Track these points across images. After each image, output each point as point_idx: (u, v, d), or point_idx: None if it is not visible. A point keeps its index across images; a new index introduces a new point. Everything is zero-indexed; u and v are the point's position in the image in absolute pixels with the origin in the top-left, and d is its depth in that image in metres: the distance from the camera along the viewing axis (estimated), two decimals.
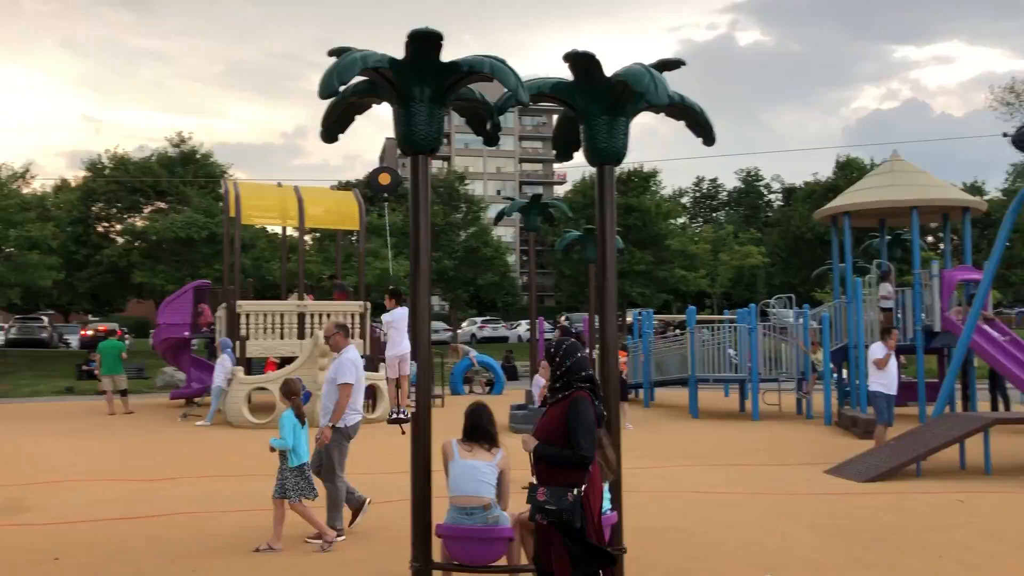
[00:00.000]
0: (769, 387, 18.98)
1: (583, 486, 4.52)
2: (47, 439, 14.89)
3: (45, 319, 46.01)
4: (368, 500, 7.91)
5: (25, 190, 34.61)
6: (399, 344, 10.61)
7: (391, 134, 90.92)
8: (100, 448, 13.74)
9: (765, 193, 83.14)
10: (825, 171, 70.27)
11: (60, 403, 23.43)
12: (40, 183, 37.75)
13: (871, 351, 12.52)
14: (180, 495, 9.48)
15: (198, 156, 42.73)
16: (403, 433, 9.97)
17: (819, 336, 18.00)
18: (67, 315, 51.62)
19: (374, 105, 6.04)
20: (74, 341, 43.25)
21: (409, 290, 5.59)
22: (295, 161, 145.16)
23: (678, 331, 24.44)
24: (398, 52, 5.37)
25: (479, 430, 5.51)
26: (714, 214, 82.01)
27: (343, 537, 7.39)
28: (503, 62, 5.32)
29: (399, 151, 5.76)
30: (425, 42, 5.23)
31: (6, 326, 43.44)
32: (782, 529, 7.74)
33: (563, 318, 45.91)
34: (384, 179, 15.43)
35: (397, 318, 10.59)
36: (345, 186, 56.85)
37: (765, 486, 9.89)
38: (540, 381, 16.24)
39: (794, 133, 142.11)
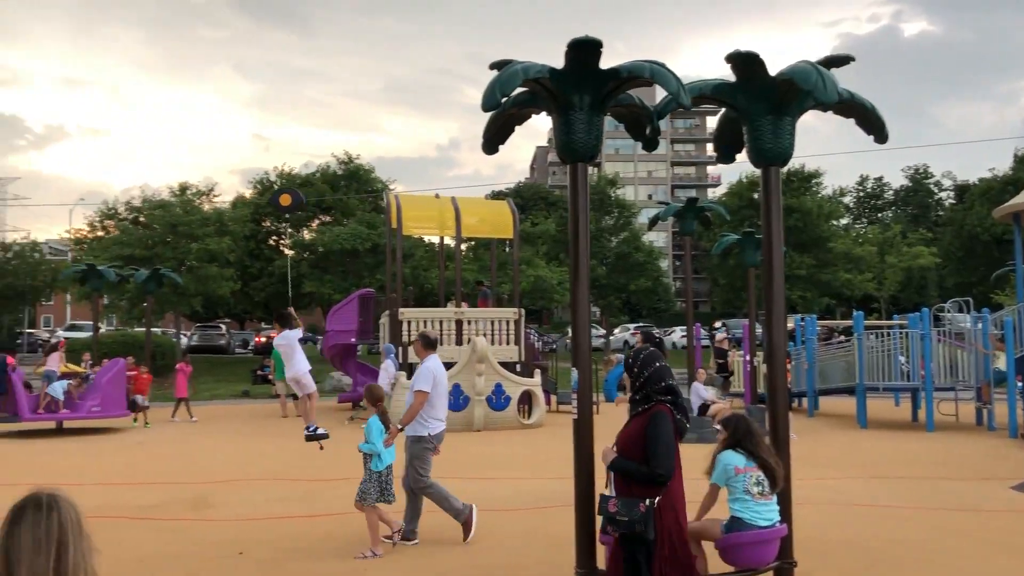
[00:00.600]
0: (944, 396, 17.85)
1: (656, 498, 4.40)
2: (227, 440, 15.90)
3: (223, 327, 49.30)
4: (473, 507, 7.89)
5: (206, 207, 37.16)
6: (295, 365, 10.75)
7: (542, 142, 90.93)
8: (275, 449, 14.53)
9: (935, 191, 78.31)
10: (1002, 166, 65.41)
11: (237, 405, 24.96)
12: (220, 200, 40.35)
13: None
14: (349, 494, 9.88)
15: (361, 171, 44.60)
16: (321, 448, 10.12)
17: (1000, 341, 16.76)
18: (243, 323, 54.95)
19: (534, 115, 6.14)
20: (242, 347, 46.15)
21: (571, 295, 5.61)
22: (449, 172, 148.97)
23: (843, 337, 23.38)
24: (550, 61, 5.43)
25: None
26: (879, 214, 77.95)
27: (416, 541, 7.57)
28: (663, 66, 5.27)
29: (559, 159, 5.79)
30: (585, 50, 5.26)
31: (188, 333, 46.73)
32: (961, 548, 7.26)
33: (719, 324, 44.87)
34: (285, 200, 15.92)
35: (290, 339, 10.79)
36: (498, 196, 57.86)
37: (941, 501, 9.30)
38: (699, 389, 15.93)
39: (966, 127, 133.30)
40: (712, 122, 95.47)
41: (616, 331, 52.33)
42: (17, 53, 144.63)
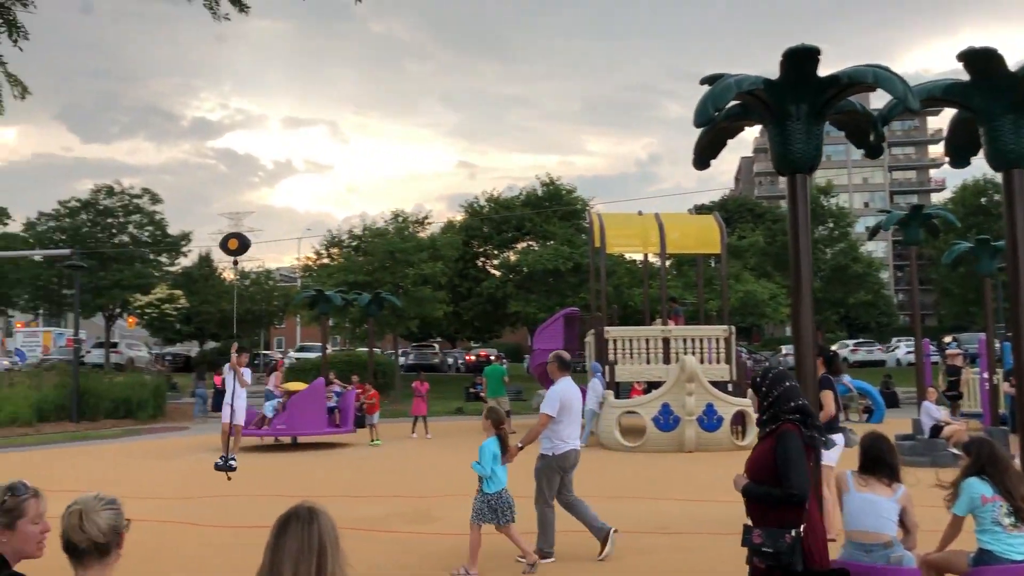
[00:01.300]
0: None
1: (802, 526, 4.14)
2: (444, 455, 16.51)
3: (436, 346, 51.54)
4: (613, 530, 7.75)
5: (421, 234, 39.03)
6: (238, 395, 10.84)
7: (746, 153, 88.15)
8: None
9: None
10: None
11: (452, 422, 25.89)
12: (432, 228, 42.32)
13: None
14: (562, 514, 9.97)
15: (563, 192, 45.29)
16: (228, 479, 9.88)
17: None
18: (453, 342, 57.10)
19: (747, 127, 6.00)
20: (459, 364, 48.06)
21: (791, 311, 5.41)
22: (650, 188, 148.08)
23: None
24: (753, 70, 5.29)
25: (879, 462, 5.11)
26: None
27: (552, 559, 7.60)
28: (887, 69, 5.00)
29: (775, 170, 5.61)
30: (801, 59, 5.09)
31: (405, 353, 49.19)
32: None
33: (949, 339, 41.57)
34: (232, 244, 15.96)
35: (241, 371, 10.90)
36: (702, 209, 56.78)
37: None
38: (930, 409, 14.85)
39: None
40: (934, 123, 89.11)
41: (835, 347, 49.72)
42: (250, 99, 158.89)
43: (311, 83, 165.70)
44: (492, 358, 37.49)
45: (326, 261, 40.46)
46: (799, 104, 5.22)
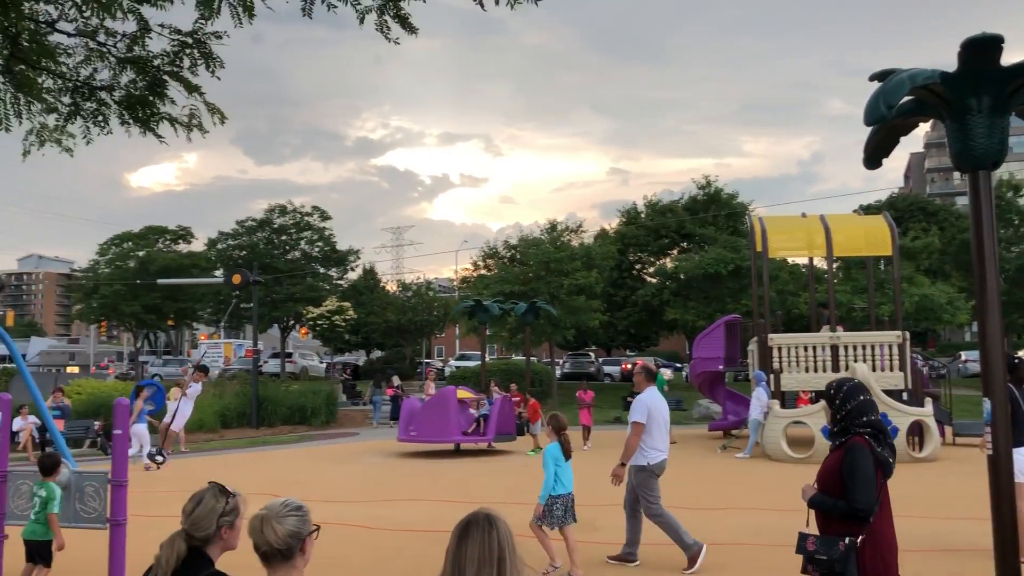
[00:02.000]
0: None
1: (859, 537, 4.07)
2: (605, 464, 16.44)
3: (591, 354, 51.52)
4: (703, 548, 7.74)
5: (575, 243, 39.19)
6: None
7: (916, 149, 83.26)
8: None
9: None
10: None
11: (610, 431, 25.78)
12: (586, 236, 42.39)
13: None
14: (735, 525, 9.77)
15: (723, 196, 44.32)
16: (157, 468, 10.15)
17: None
18: (609, 350, 56.88)
19: (920, 124, 5.70)
20: (614, 373, 47.82)
21: (978, 315, 5.10)
22: (811, 188, 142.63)
23: None
24: (920, 62, 5.03)
25: None
26: None
27: (637, 562, 7.88)
28: None
29: (954, 167, 5.31)
30: (982, 49, 4.80)
31: (561, 361, 49.43)
32: None
33: None
34: (236, 279, 15.93)
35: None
36: (869, 209, 54.10)
37: None
38: None
39: None
40: None
41: (1021, 353, 46.15)
42: (409, 117, 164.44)
43: (466, 98, 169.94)
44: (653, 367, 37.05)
45: (483, 272, 41.29)
46: (980, 97, 4.91)
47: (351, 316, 47.93)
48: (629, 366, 46.51)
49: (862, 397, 4.43)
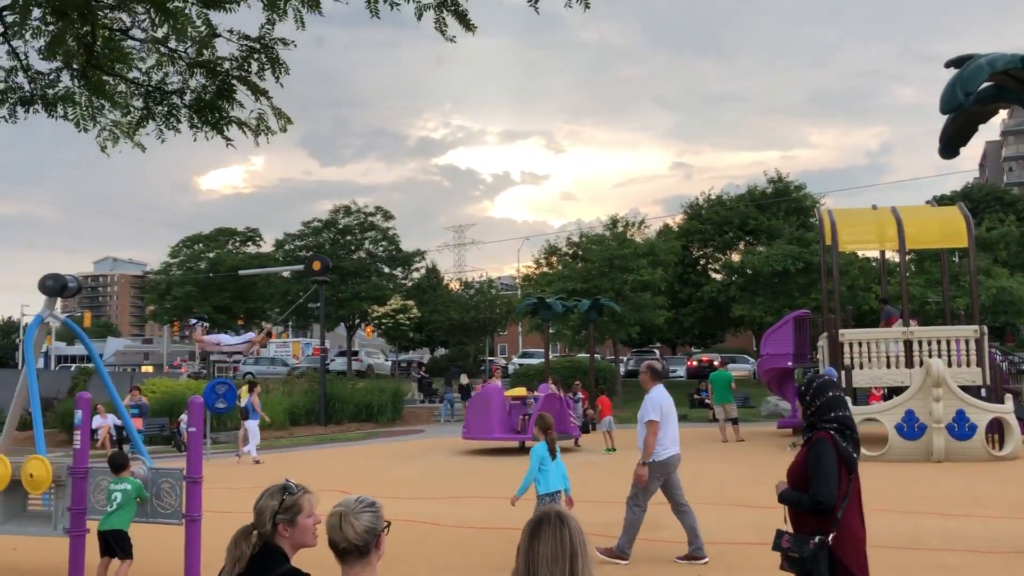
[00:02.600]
0: None
1: (830, 535, 4.13)
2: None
3: (656, 351, 51.08)
4: (703, 560, 7.84)
5: (638, 238, 38.90)
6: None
7: (992, 137, 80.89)
8: (719, 474, 14.60)
9: None
10: None
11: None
12: (649, 231, 42.03)
13: None
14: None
15: (791, 189, 43.50)
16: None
17: None
18: (674, 348, 56.35)
19: (1000, 111, 5.50)
20: (680, 371, 47.27)
21: None
22: (881, 179, 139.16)
23: None
24: (995, 47, 4.83)
25: None
26: None
27: (626, 562, 7.86)
28: None
29: (1005, 154, 5.10)
30: None
31: (625, 358, 49.10)
32: None
33: None
34: (316, 266, 15.33)
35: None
36: (942, 200, 52.55)
37: None
38: None
39: None
40: None
41: None
42: (469, 116, 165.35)
43: (525, 96, 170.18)
44: (716, 363, 36.58)
45: (545, 269, 41.25)
46: None
47: (415, 315, 48.41)
48: (695, 363, 46.02)
49: (831, 393, 4.49)
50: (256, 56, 6.85)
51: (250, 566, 2.99)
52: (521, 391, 20.88)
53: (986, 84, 5.12)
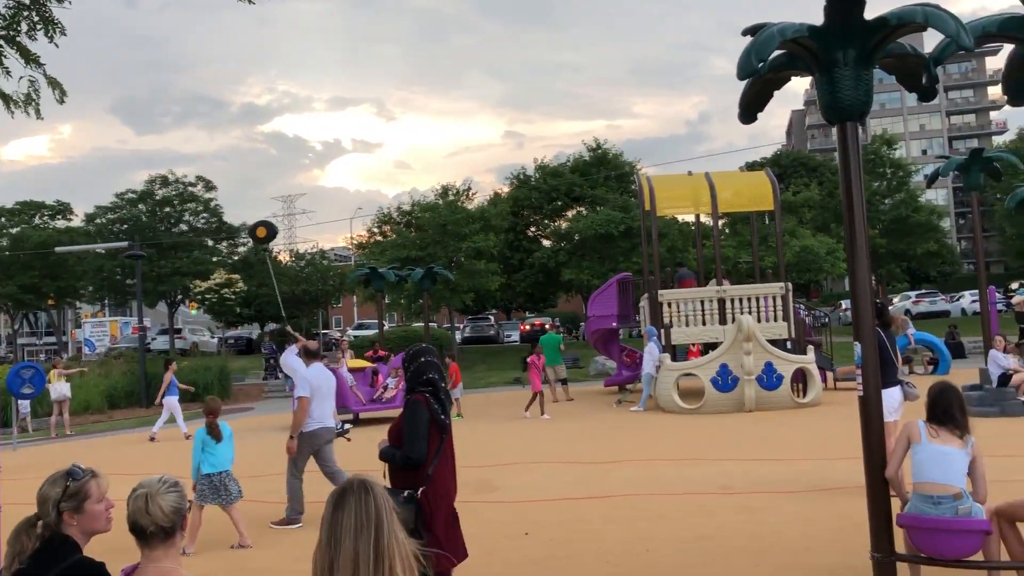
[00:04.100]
0: None
1: (420, 488, 4.51)
2: (504, 425, 16.63)
3: (492, 318, 51.73)
4: (298, 524, 8.47)
5: (469, 206, 39.05)
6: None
7: (797, 106, 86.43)
8: (550, 433, 14.99)
9: None
10: None
11: (510, 392, 26.02)
12: (479, 199, 42.26)
13: None
14: (625, 477, 10.00)
15: (610, 156, 44.85)
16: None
17: None
18: (508, 313, 57.23)
19: (793, 78, 5.83)
20: (514, 336, 48.15)
21: (848, 263, 5.29)
22: (700, 147, 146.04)
23: None
24: (808, 19, 5.13)
25: (948, 414, 4.99)
26: None
27: (299, 524, 8.42)
28: (937, 7, 4.81)
29: (824, 119, 5.46)
30: (846, 3, 4.92)
31: (461, 326, 49.43)
32: None
33: (1016, 285, 40.41)
34: (261, 232, 15.66)
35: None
36: (754, 166, 55.73)
37: None
38: (997, 357, 14.47)
39: None
40: (992, 63, 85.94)
41: (896, 299, 48.71)
42: (296, 82, 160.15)
43: (355, 62, 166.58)
44: (547, 327, 37.44)
45: (378, 238, 40.77)
46: (846, 50, 5.05)
47: (241, 288, 46.63)
48: (527, 327, 46.94)
49: (423, 359, 4.85)
50: (26, 14, 6.14)
51: (35, 558, 2.79)
52: (361, 362, 20.62)
53: (779, 52, 5.38)
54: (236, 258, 50.95)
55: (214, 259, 49.10)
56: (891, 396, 7.77)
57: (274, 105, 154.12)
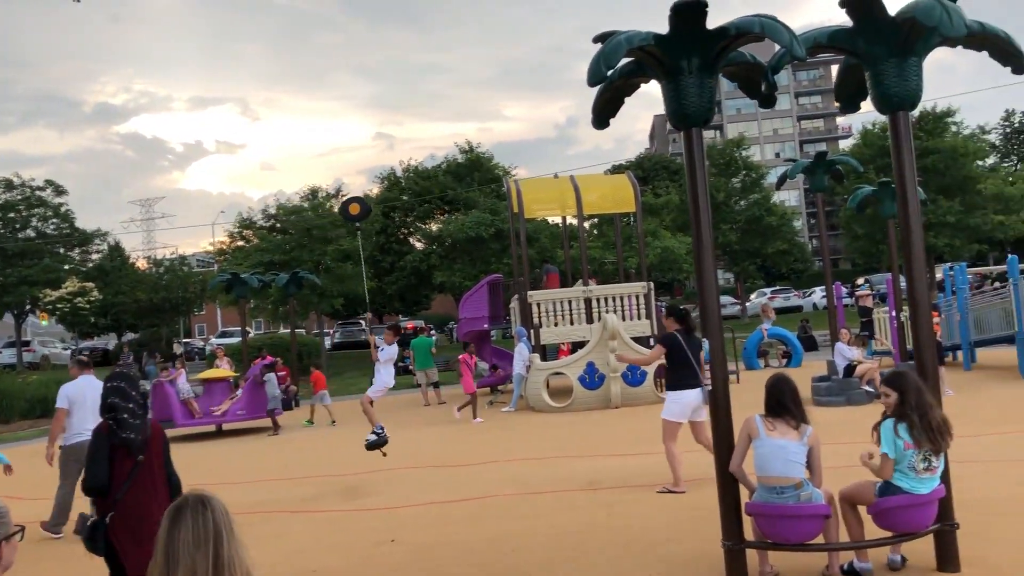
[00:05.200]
0: None
1: (109, 515, 4.60)
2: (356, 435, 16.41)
3: (363, 322, 51.06)
4: (60, 535, 8.56)
5: (336, 209, 38.48)
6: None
7: (660, 111, 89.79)
8: (420, 437, 14.93)
9: None
10: None
11: (381, 397, 25.71)
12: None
13: None
14: (494, 478, 10.06)
15: (482, 160, 45.11)
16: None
17: None
18: (381, 317, 56.71)
19: (643, 85, 6.02)
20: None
21: (695, 262, 5.50)
22: (569, 151, 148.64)
23: (997, 284, 22.02)
24: (663, 27, 5.30)
25: (782, 405, 5.25)
26: None
27: (59, 536, 8.42)
28: (773, 19, 5.07)
29: (669, 127, 5.67)
30: (689, 13, 5.12)
31: (331, 331, 48.58)
32: None
33: (861, 281, 43.04)
34: (354, 209, 15.62)
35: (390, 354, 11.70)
36: (619, 169, 57.22)
37: None
38: (843, 349, 15.35)
39: None
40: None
41: (752, 296, 51.01)
42: (154, 81, 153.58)
43: (216, 61, 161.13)
44: (419, 330, 37.31)
45: (241, 243, 39.60)
46: (690, 58, 5.25)
47: (96, 298, 44.32)
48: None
49: (108, 385, 4.95)
50: None
51: None
52: (219, 372, 19.93)
53: (628, 60, 5.53)
54: (90, 265, 48.38)
55: (66, 267, 46.48)
56: (682, 398, 8.28)
57: (131, 105, 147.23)
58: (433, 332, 38.30)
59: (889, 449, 5.03)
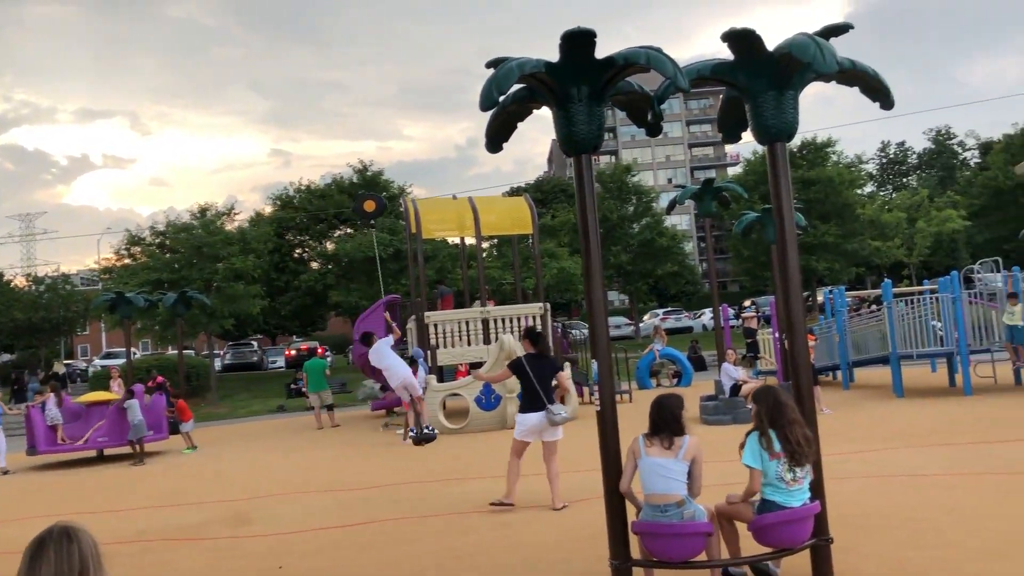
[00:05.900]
0: (981, 359, 17.60)
1: None
2: (265, 455, 16.03)
3: (255, 343, 49.78)
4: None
5: (228, 226, 37.49)
6: (396, 375, 11.41)
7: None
8: (313, 461, 14.63)
9: (960, 151, 77.36)
10: None
11: (274, 420, 25.18)
12: (240, 218, 40.69)
13: None
14: (387, 502, 9.95)
15: (378, 179, 44.78)
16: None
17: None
18: (274, 338, 55.38)
19: (535, 110, 6.11)
20: (280, 361, 46.55)
21: (584, 285, 5.60)
22: (469, 172, 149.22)
23: (874, 307, 23.17)
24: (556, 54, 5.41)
25: (659, 424, 5.39)
26: (905, 179, 77.17)
27: None
28: (659, 51, 5.24)
29: (562, 151, 5.79)
30: (579, 42, 5.24)
31: (221, 352, 47.15)
32: (1010, 512, 7.14)
33: (748, 303, 44.58)
34: (369, 206, 15.59)
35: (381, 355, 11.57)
36: (517, 191, 57.77)
37: (986, 465, 9.15)
38: (729, 369, 15.84)
39: (990, 84, 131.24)
40: None
41: (645, 317, 52.15)
42: (37, 91, 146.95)
43: (105, 72, 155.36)
44: (313, 351, 36.63)
45: (128, 261, 38.15)
46: (580, 86, 5.37)
47: None
48: (293, 352, 45.61)
49: None
50: None
51: None
52: (102, 395, 19.09)
53: (521, 86, 5.62)
54: None
55: None
56: (526, 421, 8.89)
57: (10, 115, 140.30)
58: (328, 353, 37.70)
59: (754, 461, 5.23)
